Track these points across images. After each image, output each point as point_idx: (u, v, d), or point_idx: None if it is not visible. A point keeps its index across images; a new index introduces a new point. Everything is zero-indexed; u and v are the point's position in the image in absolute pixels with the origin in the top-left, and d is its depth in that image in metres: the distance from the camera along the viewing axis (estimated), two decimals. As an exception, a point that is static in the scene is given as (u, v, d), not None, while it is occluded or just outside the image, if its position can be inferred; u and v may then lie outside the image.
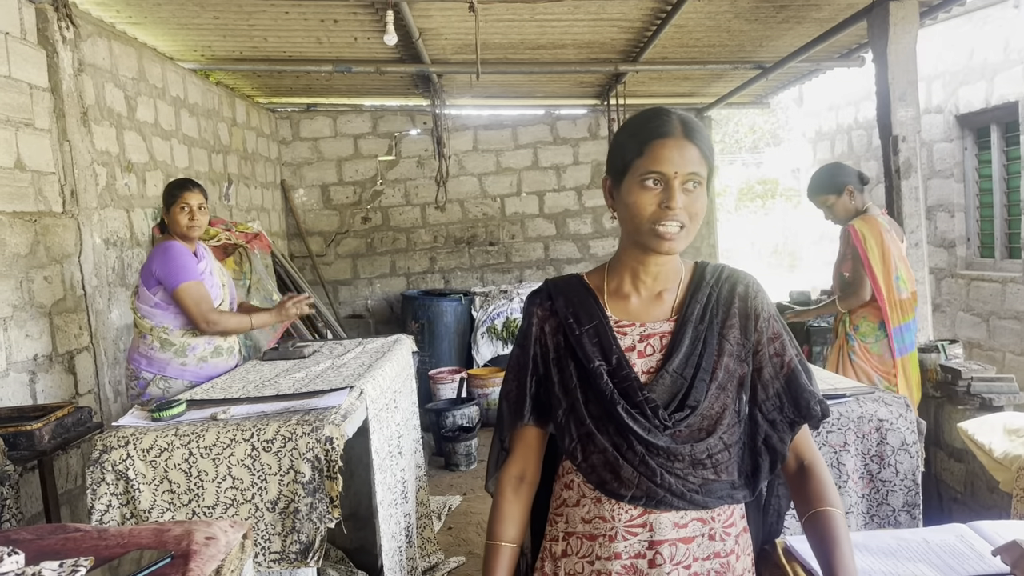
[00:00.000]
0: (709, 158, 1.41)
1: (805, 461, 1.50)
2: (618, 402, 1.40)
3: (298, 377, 3.13)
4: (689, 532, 1.41)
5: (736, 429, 1.44)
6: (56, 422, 2.78)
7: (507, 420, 1.53)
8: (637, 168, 1.40)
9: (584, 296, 1.51)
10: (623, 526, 1.42)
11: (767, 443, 1.46)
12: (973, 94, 5.91)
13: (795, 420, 1.47)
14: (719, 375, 1.43)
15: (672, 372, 1.42)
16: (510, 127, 8.36)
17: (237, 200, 6.65)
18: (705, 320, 1.46)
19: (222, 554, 1.42)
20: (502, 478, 1.54)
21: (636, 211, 1.40)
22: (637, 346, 1.46)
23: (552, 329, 1.51)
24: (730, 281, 1.51)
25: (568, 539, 1.48)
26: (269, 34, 5.23)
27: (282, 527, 2.30)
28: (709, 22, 5.25)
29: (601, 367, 1.43)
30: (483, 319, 7.28)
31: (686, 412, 1.40)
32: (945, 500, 3.80)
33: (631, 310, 1.50)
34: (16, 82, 3.66)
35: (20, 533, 1.51)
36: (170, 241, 3.43)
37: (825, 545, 1.38)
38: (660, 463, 1.39)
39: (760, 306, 1.49)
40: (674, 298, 1.49)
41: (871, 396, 2.51)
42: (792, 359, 1.48)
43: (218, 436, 2.31)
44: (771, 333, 1.48)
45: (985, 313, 5.89)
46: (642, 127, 1.43)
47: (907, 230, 4.42)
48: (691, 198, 1.39)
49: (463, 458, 5.63)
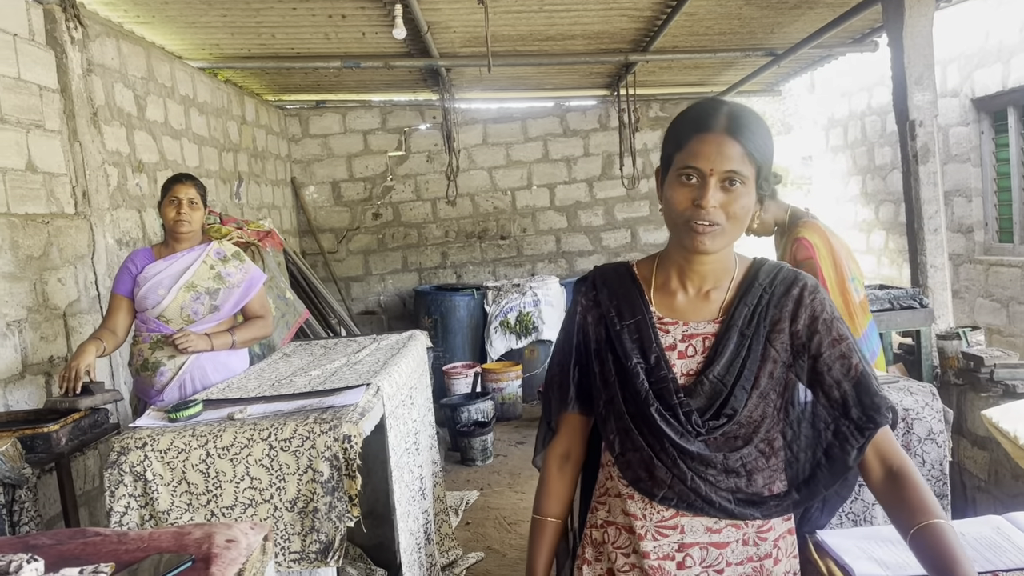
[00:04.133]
0: (757, 156, 1.34)
1: (894, 467, 1.36)
2: (652, 403, 1.37)
3: (314, 375, 3.11)
4: (723, 537, 1.38)
5: (777, 439, 1.39)
6: (73, 424, 2.77)
7: (553, 404, 1.54)
8: (677, 162, 1.36)
9: (630, 288, 1.48)
10: (654, 526, 1.39)
11: (828, 453, 1.38)
12: (989, 77, 5.82)
13: (864, 427, 1.36)
14: (761, 383, 1.37)
15: (712, 379, 1.37)
16: (520, 120, 8.32)
17: (248, 198, 6.65)
18: (752, 324, 1.40)
19: (243, 557, 1.40)
20: (548, 456, 1.56)
21: (671, 206, 1.37)
22: (678, 345, 1.42)
23: (595, 320, 1.49)
24: (785, 283, 1.43)
25: (607, 528, 1.47)
26: (277, 31, 5.21)
27: (301, 527, 2.28)
28: (720, 9, 5.19)
29: (639, 365, 1.40)
30: (496, 313, 7.26)
31: (722, 420, 1.35)
32: (969, 489, 3.75)
33: (676, 307, 1.45)
34: (26, 84, 3.64)
35: (39, 538, 1.49)
36: (137, 249, 3.37)
37: (943, 563, 1.22)
38: (692, 467, 1.35)
39: (819, 307, 1.41)
40: (723, 298, 1.44)
41: (896, 385, 2.47)
42: (860, 363, 1.39)
43: (235, 436, 2.29)
44: (835, 335, 1.40)
45: (1005, 299, 5.82)
46: (687, 119, 1.38)
47: (926, 216, 4.37)
48: (730, 197, 1.33)
49: (479, 453, 5.61)
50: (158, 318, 3.21)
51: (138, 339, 3.27)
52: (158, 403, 3.06)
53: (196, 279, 3.25)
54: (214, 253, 3.34)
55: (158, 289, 3.20)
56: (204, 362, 3.22)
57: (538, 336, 7.25)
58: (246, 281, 3.35)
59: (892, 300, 4.12)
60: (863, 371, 1.39)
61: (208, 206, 3.42)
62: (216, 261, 3.32)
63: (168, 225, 3.27)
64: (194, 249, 3.31)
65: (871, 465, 1.37)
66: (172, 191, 3.23)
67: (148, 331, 3.24)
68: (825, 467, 1.38)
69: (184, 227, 3.23)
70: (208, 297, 3.26)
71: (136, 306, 3.25)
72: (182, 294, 3.22)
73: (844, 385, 1.38)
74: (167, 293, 3.20)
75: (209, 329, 3.24)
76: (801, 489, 1.39)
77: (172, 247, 3.30)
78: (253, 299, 3.37)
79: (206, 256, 3.30)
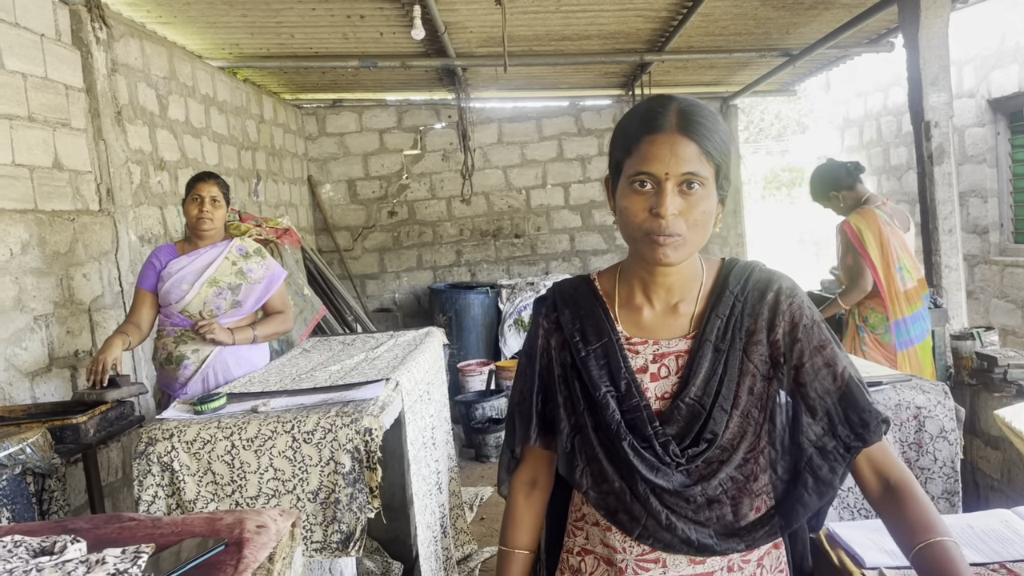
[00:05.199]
0: (715, 153, 1.21)
1: (891, 480, 1.25)
2: (624, 437, 1.25)
3: (334, 370, 3.16)
4: (707, 568, 1.28)
5: (760, 459, 1.27)
6: (100, 416, 2.84)
7: (517, 433, 1.43)
8: (627, 168, 1.23)
9: (593, 307, 1.35)
10: (634, 559, 1.30)
11: (815, 474, 1.25)
12: (1005, 78, 5.81)
13: (851, 445, 1.25)
14: (741, 401, 1.25)
15: (688, 401, 1.25)
16: (534, 119, 8.36)
17: (266, 196, 6.72)
18: (727, 337, 1.27)
19: (273, 541, 1.45)
20: (514, 483, 1.47)
21: (627, 217, 1.23)
22: (650, 367, 1.30)
23: (558, 344, 1.37)
24: (758, 287, 1.30)
25: (584, 556, 1.38)
26: (296, 31, 5.28)
27: (323, 517, 2.34)
28: (736, 10, 5.21)
29: (609, 394, 1.28)
30: (510, 311, 7.31)
31: (703, 447, 1.24)
32: (982, 488, 3.76)
33: (644, 324, 1.32)
34: (52, 83, 3.72)
35: (76, 523, 1.55)
36: (161, 245, 3.41)
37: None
38: (669, 503, 1.25)
39: (797, 312, 1.28)
40: (692, 310, 1.31)
41: (908, 383, 2.50)
42: (846, 370, 1.26)
43: (259, 428, 2.35)
44: (816, 343, 1.27)
45: (1020, 300, 5.81)
46: (634, 120, 1.25)
47: (940, 216, 4.38)
48: (690, 202, 1.20)
49: (493, 449, 5.66)
50: (181, 312, 3.27)
51: (162, 333, 3.34)
52: (182, 396, 3.12)
53: (219, 275, 3.30)
54: (236, 249, 3.39)
55: (181, 284, 3.26)
56: (227, 356, 3.28)
57: (552, 334, 7.27)
58: (267, 277, 3.40)
59: (906, 300, 4.13)
60: (849, 380, 1.26)
61: (231, 204, 3.47)
62: (238, 257, 3.37)
63: (191, 223, 3.33)
64: (216, 245, 3.36)
65: (867, 479, 1.27)
66: (195, 189, 3.28)
67: (172, 325, 3.30)
68: (812, 489, 1.25)
69: (207, 224, 3.28)
70: (230, 292, 3.31)
71: (160, 301, 3.31)
72: (205, 289, 3.27)
73: (828, 400, 1.26)
74: (190, 288, 3.25)
75: (231, 324, 3.30)
76: (787, 514, 1.26)
77: (195, 244, 3.35)
78: (274, 295, 3.42)
79: (228, 252, 3.35)
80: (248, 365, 3.34)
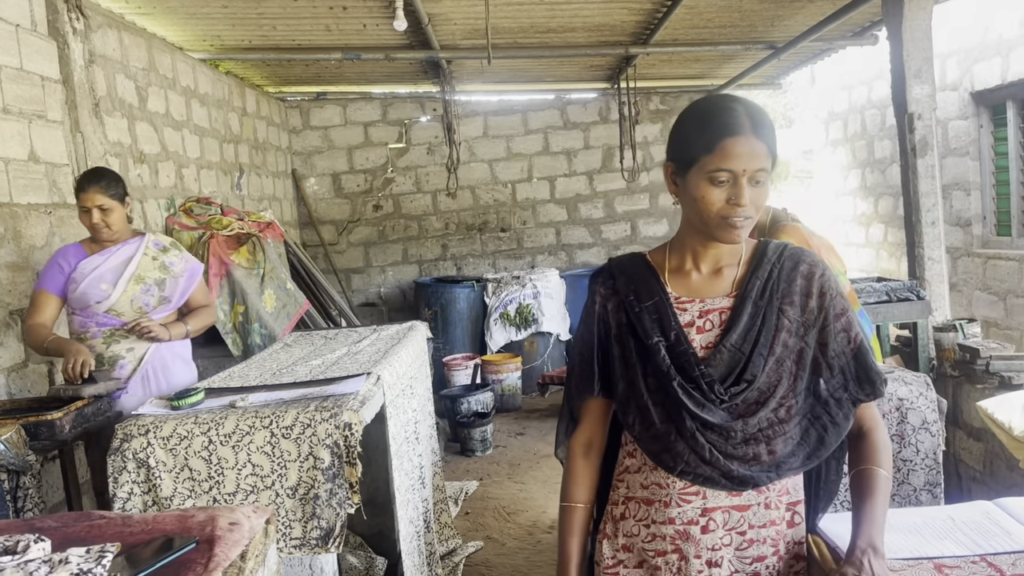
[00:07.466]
0: (774, 151, 1.45)
1: (865, 427, 1.54)
2: (674, 377, 1.46)
3: (315, 364, 3.13)
4: (744, 500, 1.48)
5: (792, 404, 1.47)
6: (76, 412, 2.80)
7: (575, 393, 1.62)
8: (705, 164, 1.43)
9: (645, 274, 1.58)
10: (677, 493, 1.49)
11: (833, 420, 1.49)
12: (988, 71, 5.82)
13: (858, 398, 1.51)
14: (777, 350, 1.47)
15: (730, 347, 1.47)
16: (520, 112, 8.33)
17: (249, 190, 6.66)
18: (765, 296, 1.50)
19: (246, 539, 1.42)
20: (572, 445, 1.64)
21: (704, 206, 1.45)
22: (696, 321, 1.51)
23: (614, 307, 1.58)
24: (793, 258, 1.54)
25: (627, 503, 1.57)
26: (278, 22, 5.22)
27: (302, 513, 2.31)
28: (720, 2, 5.20)
29: (660, 343, 1.49)
30: (496, 305, 7.28)
31: (743, 386, 1.45)
32: (964, 479, 3.78)
33: (691, 286, 1.55)
34: (28, 74, 3.66)
35: (45, 521, 1.52)
36: (65, 246, 3.24)
37: (858, 499, 1.46)
38: (711, 440, 1.44)
39: (826, 284, 1.52)
40: (734, 274, 1.54)
41: (891, 375, 2.49)
42: (858, 335, 1.52)
43: (237, 423, 2.32)
44: (838, 310, 1.51)
45: (1002, 292, 5.84)
46: (710, 121, 1.45)
47: (923, 208, 4.39)
48: (757, 191, 1.44)
49: (479, 443, 5.64)
50: (108, 312, 3.15)
51: (85, 336, 3.17)
52: (121, 397, 3.06)
53: (142, 271, 3.19)
54: (153, 244, 3.27)
55: (99, 284, 3.12)
56: (163, 352, 3.22)
57: (538, 328, 7.27)
58: (188, 271, 3.33)
59: (889, 292, 4.14)
60: (860, 342, 1.52)
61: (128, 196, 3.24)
62: (157, 252, 3.27)
63: (89, 231, 3.18)
64: (129, 242, 3.22)
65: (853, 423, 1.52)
66: (80, 200, 3.10)
67: (98, 326, 3.16)
68: (831, 431, 1.48)
69: (104, 234, 3.13)
70: (157, 288, 3.22)
71: (74, 303, 3.16)
72: (131, 286, 3.16)
73: (843, 358, 1.50)
74: (112, 287, 3.13)
75: (161, 320, 3.23)
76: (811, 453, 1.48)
77: (103, 243, 3.20)
78: (196, 289, 3.37)
79: (146, 248, 3.23)
80: (182, 361, 3.34)
